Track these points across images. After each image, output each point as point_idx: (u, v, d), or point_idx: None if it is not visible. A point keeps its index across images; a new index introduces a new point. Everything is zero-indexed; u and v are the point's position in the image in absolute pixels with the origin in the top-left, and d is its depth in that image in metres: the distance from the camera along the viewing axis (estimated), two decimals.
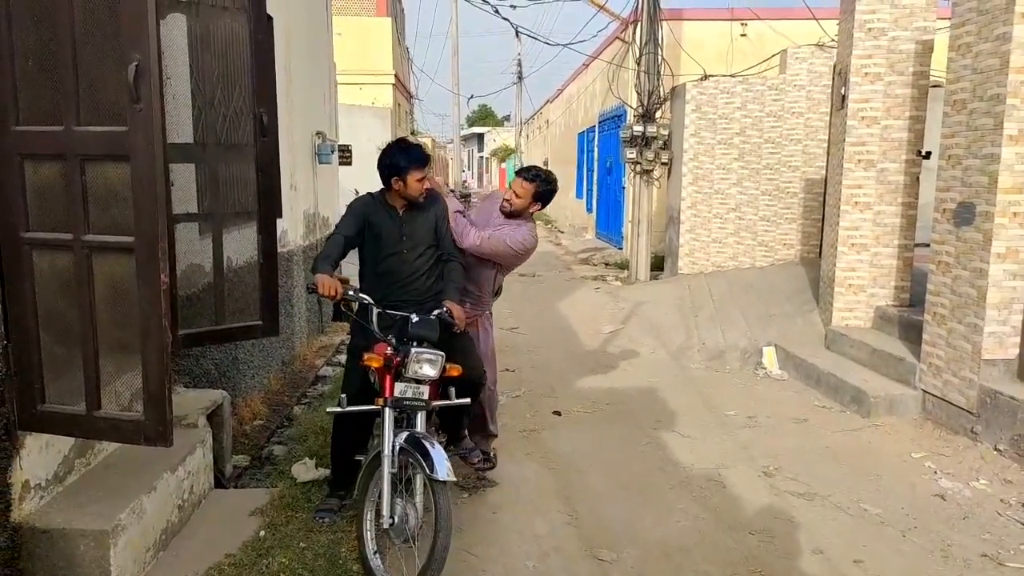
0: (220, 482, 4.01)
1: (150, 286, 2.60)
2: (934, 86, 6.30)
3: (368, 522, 3.13)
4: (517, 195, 3.97)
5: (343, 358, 7.06)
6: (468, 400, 3.45)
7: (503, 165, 45.89)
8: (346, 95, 15.77)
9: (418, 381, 3.20)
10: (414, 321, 3.28)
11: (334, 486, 3.72)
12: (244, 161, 4.07)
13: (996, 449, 4.38)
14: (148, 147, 2.57)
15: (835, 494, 4.00)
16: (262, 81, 4.02)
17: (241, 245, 4.21)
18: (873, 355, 5.70)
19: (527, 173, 4.02)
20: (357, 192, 15.90)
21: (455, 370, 3.33)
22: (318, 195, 7.67)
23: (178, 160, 3.84)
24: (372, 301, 3.41)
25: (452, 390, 3.40)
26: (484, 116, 63.78)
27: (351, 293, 3.38)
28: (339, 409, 3.30)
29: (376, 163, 3.71)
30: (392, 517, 2.99)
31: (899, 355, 5.42)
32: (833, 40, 9.30)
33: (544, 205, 4.06)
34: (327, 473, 3.93)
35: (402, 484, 3.07)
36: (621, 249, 13.28)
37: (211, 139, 3.93)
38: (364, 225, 3.68)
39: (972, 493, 3.97)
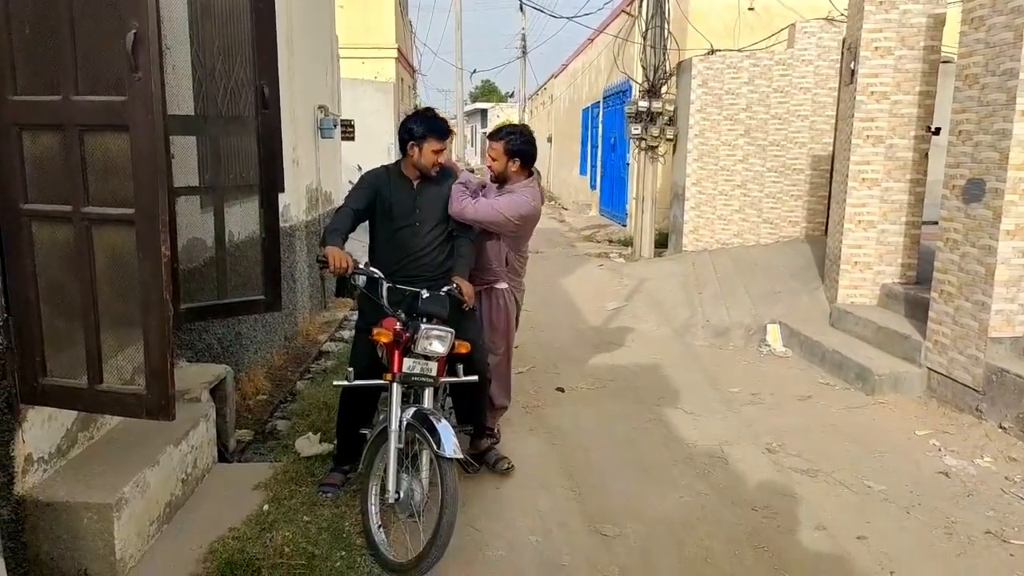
0: (224, 456, 4.02)
1: (151, 259, 2.58)
2: (944, 62, 6.20)
3: (373, 496, 3.13)
4: (492, 159, 3.89)
5: (346, 333, 7.09)
6: (476, 377, 3.42)
7: None
8: (348, 69, 15.63)
9: (426, 357, 3.18)
10: (424, 297, 3.26)
11: (338, 460, 3.72)
12: (246, 134, 4.03)
13: (1001, 427, 4.37)
14: (147, 117, 2.53)
15: (838, 471, 4.00)
16: (263, 52, 3.96)
17: (243, 219, 4.18)
18: (878, 333, 5.67)
19: (495, 134, 3.92)
20: (360, 168, 15.89)
21: (464, 347, 3.31)
22: (320, 170, 7.62)
23: (178, 132, 3.80)
24: (382, 275, 3.38)
25: (460, 367, 3.38)
26: (488, 92, 63.25)
27: (360, 266, 3.36)
28: (346, 383, 3.30)
29: (398, 129, 3.73)
30: (398, 492, 2.99)
31: (904, 333, 5.39)
32: (843, 14, 9.17)
33: (525, 161, 3.87)
34: (331, 448, 3.93)
35: (408, 459, 3.07)
36: (625, 226, 13.21)
37: (212, 111, 3.89)
38: (374, 198, 3.64)
39: (976, 471, 3.96)
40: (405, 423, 3.02)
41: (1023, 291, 4.45)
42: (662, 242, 10.58)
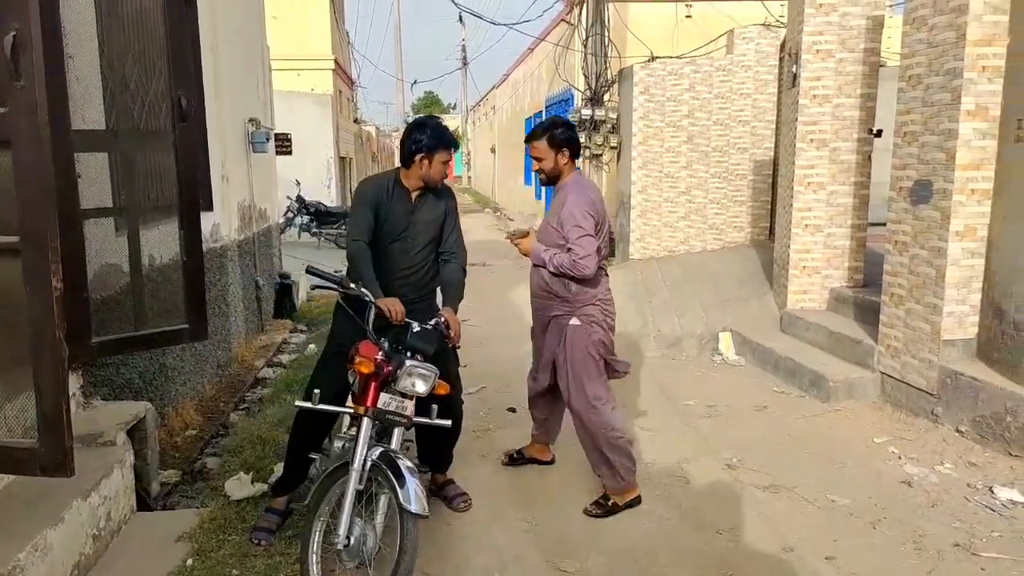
0: (145, 503, 3.66)
1: (40, 293, 2.26)
2: (881, 65, 6.23)
3: (315, 542, 2.83)
4: (539, 159, 3.59)
5: (285, 358, 6.73)
6: (449, 422, 3.15)
7: None
8: (284, 81, 15.20)
9: (404, 395, 2.92)
10: (415, 331, 2.99)
11: (279, 486, 3.42)
12: (164, 150, 3.70)
13: (958, 431, 4.32)
14: (32, 131, 2.23)
15: (801, 485, 3.87)
16: (179, 61, 3.64)
17: (164, 242, 3.84)
18: (830, 338, 5.61)
19: (531, 136, 3.62)
20: (298, 183, 15.39)
21: (443, 388, 3.04)
22: (253, 186, 7.25)
23: (86, 148, 3.45)
24: (372, 297, 3.08)
25: (435, 408, 3.12)
26: (430, 103, 62.95)
27: (353, 287, 3.06)
28: (310, 405, 2.96)
29: (400, 138, 3.59)
30: (349, 537, 2.71)
31: (856, 337, 5.34)
32: (778, 20, 9.25)
33: (574, 150, 3.57)
34: (264, 488, 3.62)
35: (363, 502, 2.79)
36: None
37: (125, 125, 3.54)
38: (374, 211, 3.38)
39: (938, 478, 3.88)
40: (370, 463, 2.75)
41: (973, 292, 4.42)
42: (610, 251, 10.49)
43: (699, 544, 3.32)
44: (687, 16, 12.02)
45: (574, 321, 3.53)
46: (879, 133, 5.94)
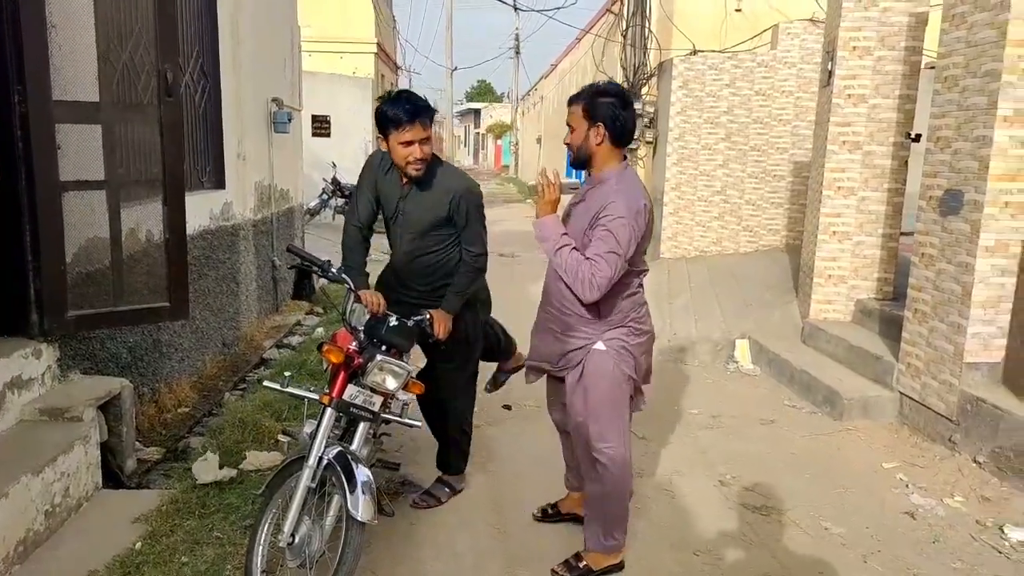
0: (120, 480, 3.64)
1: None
2: (927, 67, 5.86)
3: (263, 534, 2.74)
4: (571, 127, 2.84)
5: (295, 339, 6.70)
6: (419, 423, 3.02)
7: (499, 141, 45.28)
8: (325, 63, 15.27)
9: (373, 390, 2.81)
10: (391, 325, 2.86)
11: None
12: (149, 124, 3.65)
13: (975, 461, 4.01)
14: None
15: (794, 509, 3.63)
16: (165, 34, 3.58)
17: (149, 218, 3.81)
18: (850, 352, 5.31)
19: (576, 96, 2.84)
20: (335, 165, 15.42)
21: (416, 387, 2.93)
22: (274, 166, 7.22)
23: (68, 120, 3.41)
24: (352, 284, 2.99)
25: (407, 407, 3.00)
26: (483, 92, 62.94)
27: (332, 272, 2.96)
28: (277, 387, 2.85)
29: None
30: (293, 536, 2.60)
31: (877, 353, 5.03)
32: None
33: (614, 128, 2.74)
34: (232, 474, 3.55)
35: (314, 499, 2.68)
36: None
37: (108, 98, 3.50)
38: (375, 189, 3.26)
39: (945, 512, 3.60)
40: (325, 461, 2.64)
41: (1002, 313, 4.09)
42: None
43: (672, 565, 3.13)
44: (737, 9, 11.60)
45: (599, 346, 2.85)
46: (918, 138, 5.58)
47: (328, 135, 12.48)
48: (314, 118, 13.18)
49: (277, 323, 7.08)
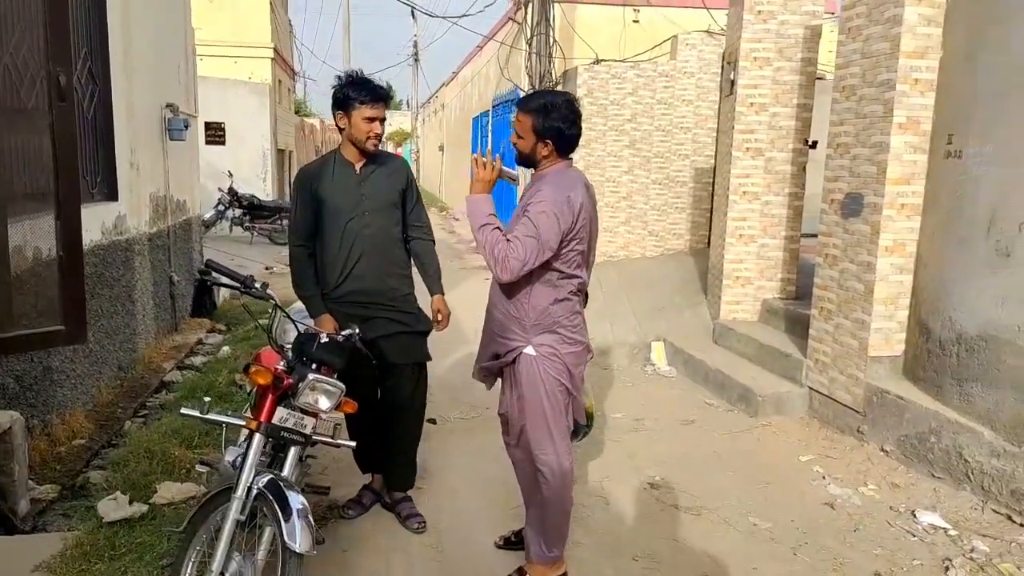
0: (12, 524, 3.30)
1: None
2: (819, 78, 6.19)
3: (187, 572, 2.53)
4: (518, 135, 2.83)
5: (198, 360, 6.32)
6: (353, 443, 2.87)
7: (399, 149, 44.83)
8: (219, 68, 14.63)
9: (304, 412, 2.63)
10: (322, 342, 2.69)
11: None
12: (38, 131, 3.35)
13: (883, 450, 4.24)
14: None
15: (723, 507, 3.71)
16: (58, 32, 3.29)
17: (39, 234, 3.48)
18: (760, 350, 5.52)
19: (525, 101, 2.85)
20: (231, 174, 14.82)
21: (350, 406, 2.77)
22: (170, 176, 6.82)
23: None
24: (277, 300, 2.78)
25: (339, 426, 2.86)
26: None
27: (256, 288, 2.71)
28: (197, 414, 2.62)
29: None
30: (223, 574, 2.41)
31: (786, 351, 5.25)
32: (722, 29, 9.21)
33: (561, 143, 2.77)
34: (143, 509, 3.29)
35: (244, 533, 2.49)
36: None
37: None
38: (315, 204, 3.20)
39: (861, 500, 3.77)
40: (255, 491, 2.45)
41: (901, 308, 4.35)
42: None
43: (610, 572, 3.13)
44: (635, 21, 11.96)
45: (529, 351, 2.81)
46: (814, 144, 5.88)
47: (223, 143, 11.94)
48: (207, 125, 12.56)
49: (177, 343, 6.67)
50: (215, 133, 11.31)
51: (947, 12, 4.03)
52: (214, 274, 2.72)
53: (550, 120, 2.74)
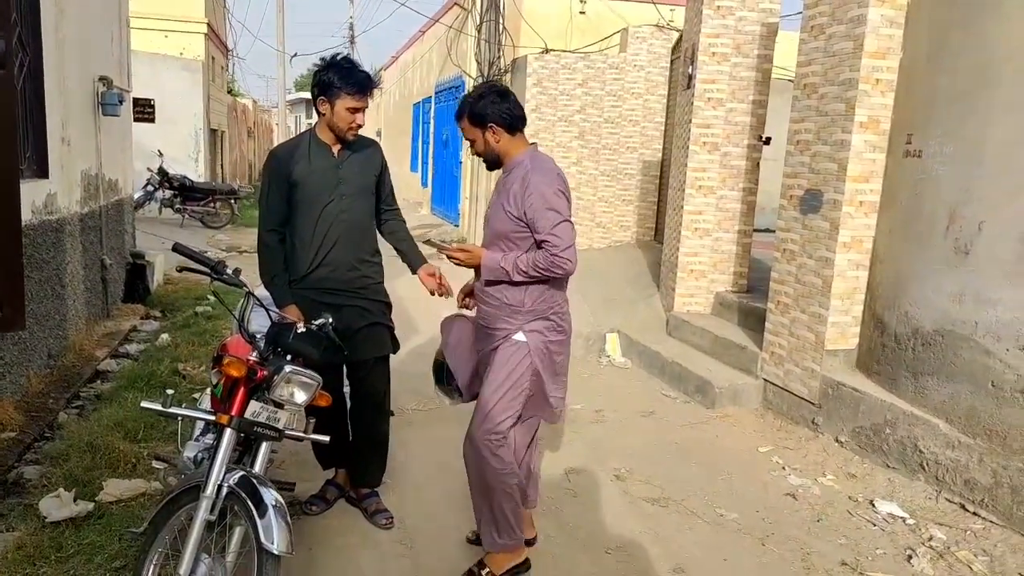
0: None
1: None
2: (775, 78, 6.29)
3: (150, 573, 2.36)
4: (471, 142, 2.91)
5: (133, 348, 5.98)
6: (327, 438, 2.71)
7: None
8: (149, 42, 13.92)
9: (278, 405, 2.48)
10: (298, 332, 2.53)
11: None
12: None
13: (838, 440, 4.34)
14: None
15: (689, 498, 3.73)
16: None
17: None
18: (716, 343, 5.59)
19: (457, 114, 2.93)
20: (161, 154, 14.16)
21: (324, 400, 2.63)
22: (103, 153, 6.42)
23: None
24: (249, 287, 2.62)
25: (312, 421, 2.69)
26: None
27: (227, 274, 2.54)
28: (158, 407, 2.43)
29: (310, 83, 3.21)
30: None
31: (741, 343, 5.33)
32: (669, 24, 9.30)
33: (504, 120, 2.78)
34: (89, 507, 3.06)
35: (211, 535, 2.33)
36: (458, 227, 12.76)
37: None
38: (289, 188, 3.06)
39: (821, 491, 3.85)
40: (225, 490, 2.29)
41: (856, 303, 4.46)
42: None
43: (589, 566, 3.09)
44: (581, 12, 11.94)
45: (519, 336, 2.79)
46: (768, 140, 5.98)
47: (152, 120, 11.34)
48: (136, 101, 11.93)
49: (109, 329, 6.31)
50: (143, 110, 10.75)
51: (908, 14, 4.13)
52: (182, 258, 2.54)
53: (480, 106, 2.79)
